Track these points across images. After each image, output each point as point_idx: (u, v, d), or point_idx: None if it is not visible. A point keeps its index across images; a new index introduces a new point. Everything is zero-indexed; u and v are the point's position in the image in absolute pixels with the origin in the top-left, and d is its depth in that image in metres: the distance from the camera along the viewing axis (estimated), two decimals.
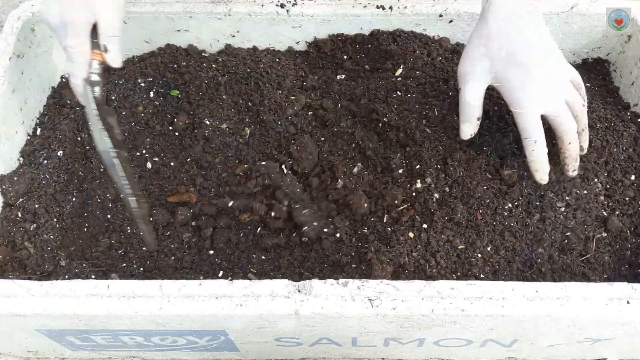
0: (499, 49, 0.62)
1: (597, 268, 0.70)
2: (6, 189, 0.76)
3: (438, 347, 0.72)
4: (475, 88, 0.64)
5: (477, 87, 0.64)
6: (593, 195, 0.73)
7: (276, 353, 0.76)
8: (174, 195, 0.77)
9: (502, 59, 0.62)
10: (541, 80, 0.62)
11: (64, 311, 0.60)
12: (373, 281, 0.61)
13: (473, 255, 0.68)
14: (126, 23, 0.88)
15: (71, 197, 0.77)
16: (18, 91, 0.81)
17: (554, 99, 0.63)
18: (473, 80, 0.64)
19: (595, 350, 0.74)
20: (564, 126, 0.63)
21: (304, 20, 0.88)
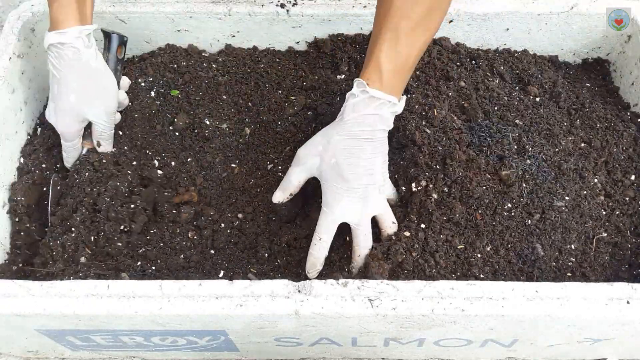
0: (331, 155, 0.68)
1: (597, 268, 0.70)
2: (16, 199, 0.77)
3: (438, 347, 0.72)
4: (301, 174, 0.72)
5: (302, 174, 0.72)
6: (593, 195, 0.73)
7: (276, 353, 0.76)
8: (177, 196, 0.77)
9: (330, 164, 0.68)
10: (353, 197, 0.68)
11: (64, 311, 0.60)
12: (373, 281, 0.61)
13: (473, 255, 0.68)
14: (126, 23, 0.88)
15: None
16: (18, 91, 0.81)
17: (358, 215, 0.68)
18: (301, 168, 0.71)
19: (595, 350, 0.74)
20: (358, 239, 0.69)
21: (304, 20, 0.88)
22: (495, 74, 0.85)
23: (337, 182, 0.68)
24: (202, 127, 0.81)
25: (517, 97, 0.82)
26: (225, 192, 0.79)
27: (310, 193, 0.77)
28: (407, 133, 0.74)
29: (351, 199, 0.68)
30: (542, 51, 0.92)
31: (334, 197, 0.68)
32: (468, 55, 0.87)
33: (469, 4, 0.87)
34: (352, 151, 0.67)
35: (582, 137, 0.78)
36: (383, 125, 0.68)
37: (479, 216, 0.70)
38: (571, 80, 0.89)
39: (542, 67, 0.88)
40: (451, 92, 0.78)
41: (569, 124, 0.80)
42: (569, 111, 0.82)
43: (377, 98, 0.66)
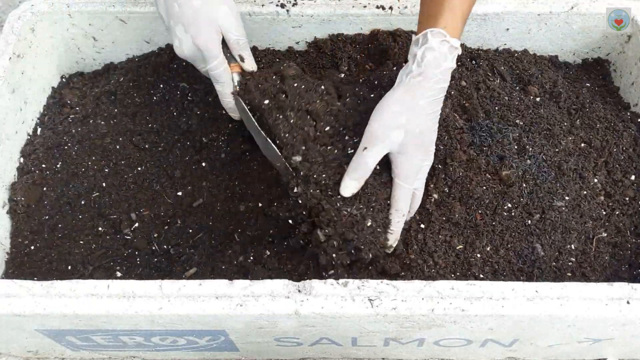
0: (417, 124, 0.62)
1: (597, 268, 0.70)
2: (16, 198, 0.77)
3: (438, 347, 0.72)
4: (380, 152, 0.62)
5: (381, 152, 0.63)
6: (593, 195, 0.73)
7: (276, 353, 0.76)
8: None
9: (415, 134, 0.62)
10: (427, 164, 0.66)
11: (64, 311, 0.60)
12: (373, 281, 0.61)
13: (472, 256, 0.68)
14: (126, 23, 0.88)
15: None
16: (18, 91, 0.81)
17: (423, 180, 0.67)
18: (382, 145, 0.62)
19: (595, 350, 0.74)
20: (415, 204, 0.67)
21: (304, 20, 0.88)
22: (496, 74, 0.85)
23: (419, 154, 0.62)
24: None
25: (518, 97, 0.82)
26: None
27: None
28: None
29: (427, 168, 0.65)
30: (542, 51, 0.92)
31: (415, 171, 0.63)
32: (468, 55, 0.87)
33: None
34: (431, 117, 0.62)
35: (582, 137, 0.78)
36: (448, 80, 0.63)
37: (478, 216, 0.70)
38: (571, 80, 0.89)
39: (542, 67, 0.88)
40: (453, 92, 0.78)
41: (569, 124, 0.80)
42: (569, 111, 0.82)
43: (456, 48, 0.61)
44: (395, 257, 0.68)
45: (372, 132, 0.62)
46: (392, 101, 0.62)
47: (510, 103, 0.80)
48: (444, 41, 0.61)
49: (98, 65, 0.95)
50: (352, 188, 0.62)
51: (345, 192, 0.62)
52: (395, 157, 0.63)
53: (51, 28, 0.88)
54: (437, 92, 0.62)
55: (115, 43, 0.92)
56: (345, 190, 0.62)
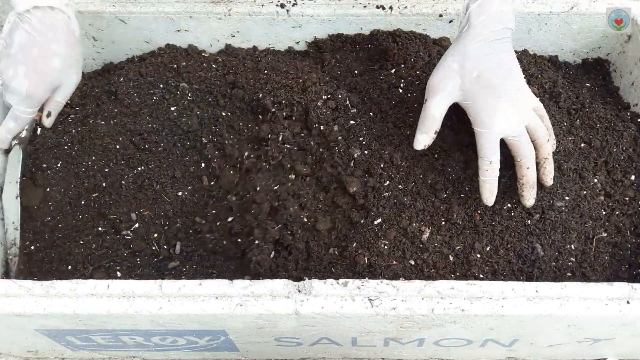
0: (472, 68, 0.65)
1: (597, 268, 0.70)
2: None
3: (438, 347, 0.72)
4: (442, 102, 0.66)
5: (443, 102, 0.66)
6: (593, 195, 0.73)
7: (276, 353, 0.76)
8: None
9: (473, 78, 0.65)
10: (506, 103, 0.65)
11: (64, 311, 0.60)
12: (373, 281, 0.61)
13: (472, 256, 0.68)
14: (126, 23, 0.88)
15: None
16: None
17: (516, 123, 0.65)
18: (441, 95, 0.66)
19: (595, 350, 0.74)
20: (522, 150, 0.66)
21: (304, 20, 0.88)
22: None
23: (486, 96, 0.64)
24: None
25: None
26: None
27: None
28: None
29: (504, 109, 0.64)
30: (542, 51, 0.92)
31: (486, 113, 0.64)
32: None
33: None
34: (490, 57, 0.64)
35: (582, 137, 0.78)
36: (509, 23, 0.65)
37: (478, 216, 0.70)
38: (571, 80, 0.89)
39: (542, 67, 0.88)
40: None
41: (568, 124, 0.80)
42: (569, 111, 0.82)
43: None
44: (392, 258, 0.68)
45: (430, 84, 0.67)
46: (446, 54, 0.67)
47: None
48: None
49: (98, 65, 0.95)
50: (422, 140, 0.68)
51: (416, 146, 0.68)
52: (464, 105, 0.66)
53: None
54: (487, 36, 0.64)
55: (115, 43, 0.92)
56: (417, 143, 0.68)
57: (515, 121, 0.65)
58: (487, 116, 0.65)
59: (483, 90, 0.65)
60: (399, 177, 0.72)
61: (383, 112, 0.77)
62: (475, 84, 0.65)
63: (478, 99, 0.65)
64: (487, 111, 0.65)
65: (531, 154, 0.66)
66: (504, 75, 0.65)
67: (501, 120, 0.65)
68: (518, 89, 0.66)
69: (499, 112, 0.65)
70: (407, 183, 0.72)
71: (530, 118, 0.67)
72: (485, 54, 0.65)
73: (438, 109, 0.66)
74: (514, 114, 0.65)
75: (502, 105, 0.65)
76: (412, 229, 0.70)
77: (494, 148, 0.65)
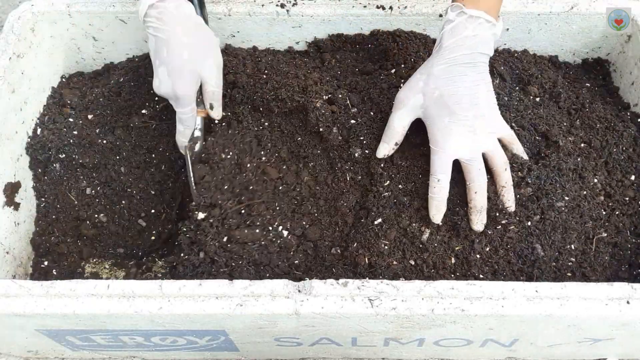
0: (434, 88, 0.67)
1: (597, 268, 0.70)
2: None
3: (438, 347, 0.72)
4: (404, 116, 0.69)
5: (405, 116, 0.69)
6: (593, 195, 0.73)
7: (276, 353, 0.76)
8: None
9: (434, 97, 0.67)
10: (463, 127, 0.66)
11: (64, 311, 0.60)
12: (373, 281, 0.61)
13: (472, 256, 0.68)
14: (126, 23, 0.88)
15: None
16: (18, 91, 0.81)
17: (469, 149, 0.67)
18: (404, 110, 0.69)
19: (595, 350, 0.74)
20: (472, 174, 0.67)
21: (304, 20, 0.88)
22: (495, 74, 0.85)
23: (444, 116, 0.66)
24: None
25: (517, 97, 0.82)
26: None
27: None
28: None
29: (460, 132, 0.66)
30: (542, 51, 0.92)
31: (442, 133, 0.66)
32: None
33: None
34: (454, 79, 0.66)
35: (582, 137, 0.78)
36: (483, 48, 0.66)
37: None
38: (571, 80, 0.89)
39: (542, 67, 0.88)
40: None
41: (568, 124, 0.80)
42: (569, 111, 0.82)
43: (476, 17, 0.65)
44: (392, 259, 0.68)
45: (397, 97, 0.70)
46: (417, 71, 0.70)
47: (509, 103, 0.80)
48: (462, 12, 0.66)
49: (98, 65, 0.95)
50: (383, 150, 0.71)
51: (378, 154, 0.71)
52: (425, 122, 0.69)
53: (51, 28, 0.88)
54: (455, 59, 0.66)
55: (115, 43, 0.92)
56: (378, 152, 0.71)
57: (470, 146, 0.67)
58: (441, 137, 0.67)
59: (442, 111, 0.66)
60: (399, 177, 0.72)
61: (383, 112, 0.77)
62: (436, 103, 0.67)
63: (436, 118, 0.67)
64: (442, 132, 0.67)
65: (481, 180, 0.67)
66: (464, 100, 0.66)
67: (455, 143, 0.66)
68: (480, 115, 0.67)
69: (453, 134, 0.66)
70: (407, 183, 0.72)
71: (488, 145, 0.68)
72: (449, 77, 0.66)
73: (400, 122, 0.70)
74: (469, 138, 0.66)
75: (458, 129, 0.66)
76: (412, 229, 0.70)
77: (445, 168, 0.67)
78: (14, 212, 0.78)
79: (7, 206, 0.77)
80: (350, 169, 0.74)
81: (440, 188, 0.67)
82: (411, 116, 0.69)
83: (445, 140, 0.66)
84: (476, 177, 0.67)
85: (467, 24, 0.65)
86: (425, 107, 0.67)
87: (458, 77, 0.66)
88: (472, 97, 0.66)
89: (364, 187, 0.74)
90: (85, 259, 0.79)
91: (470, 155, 0.67)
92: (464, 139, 0.66)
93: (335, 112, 0.77)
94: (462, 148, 0.66)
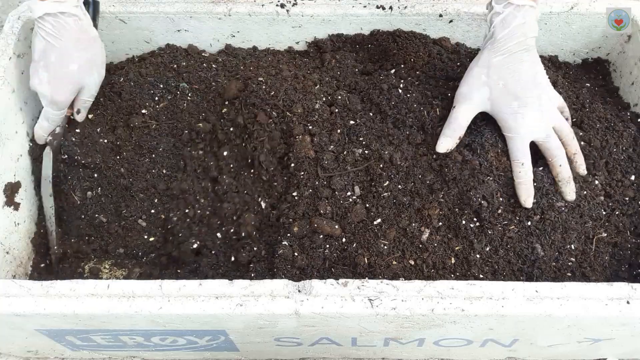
0: (497, 79, 0.70)
1: (597, 268, 0.70)
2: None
3: (438, 347, 0.72)
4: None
5: (471, 110, 0.72)
6: (593, 195, 0.73)
7: (276, 353, 0.76)
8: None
9: (499, 88, 0.70)
10: (532, 110, 0.70)
11: (64, 311, 0.60)
12: (373, 281, 0.61)
13: (472, 256, 0.68)
14: (126, 23, 0.88)
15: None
16: (18, 91, 0.81)
17: (543, 127, 0.70)
18: (469, 104, 0.71)
19: (595, 350, 0.74)
20: (552, 150, 0.71)
21: (304, 20, 0.88)
22: None
23: (512, 104, 0.69)
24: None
25: None
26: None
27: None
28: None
29: (531, 115, 0.69)
30: (542, 51, 0.92)
31: (514, 119, 0.69)
32: (468, 56, 0.87)
33: (469, 4, 0.87)
34: (514, 67, 0.69)
35: (582, 137, 0.78)
36: (532, 32, 0.69)
37: (476, 217, 0.70)
38: (571, 80, 0.89)
39: None
40: (449, 93, 0.78)
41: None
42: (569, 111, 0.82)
43: (522, 6, 0.68)
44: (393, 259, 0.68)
45: (459, 92, 0.72)
46: (473, 65, 0.72)
47: None
48: (508, 3, 0.69)
49: None
50: (446, 144, 0.71)
51: (439, 149, 0.71)
52: (493, 113, 0.72)
53: None
54: (511, 48, 0.69)
55: (115, 43, 0.92)
56: (440, 146, 0.71)
57: (542, 125, 0.70)
58: (514, 122, 0.70)
59: (509, 99, 0.70)
60: (399, 177, 0.72)
61: (383, 112, 0.77)
62: (502, 93, 0.70)
63: (504, 107, 0.70)
64: (514, 117, 0.70)
65: (560, 153, 0.71)
66: (528, 83, 0.70)
67: (528, 125, 0.70)
68: (542, 93, 0.71)
69: (526, 118, 0.69)
70: (406, 183, 0.72)
71: (556, 119, 0.72)
72: (509, 65, 0.70)
73: (464, 116, 0.71)
74: (540, 118, 0.70)
75: (528, 111, 0.69)
76: (411, 229, 0.70)
77: (524, 151, 0.70)
78: (14, 212, 0.78)
79: (7, 206, 0.77)
80: (350, 169, 0.74)
81: (526, 171, 0.69)
82: (477, 109, 0.72)
83: (519, 125, 0.69)
84: (556, 152, 0.70)
85: (516, 14, 0.68)
86: (492, 99, 0.70)
87: (518, 65, 0.69)
88: (533, 79, 0.70)
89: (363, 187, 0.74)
90: (85, 259, 0.79)
91: (545, 133, 0.70)
92: (534, 120, 0.70)
93: (335, 111, 0.77)
94: (536, 129, 0.70)
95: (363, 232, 0.70)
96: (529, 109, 0.69)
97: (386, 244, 0.69)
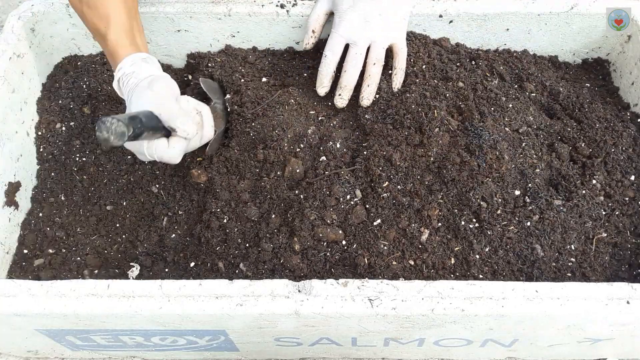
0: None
1: (597, 268, 0.70)
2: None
3: (438, 347, 0.72)
4: (318, 10, 0.82)
5: (319, 9, 0.82)
6: (592, 195, 0.73)
7: (276, 353, 0.76)
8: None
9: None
10: (357, 17, 0.77)
11: (64, 311, 0.60)
12: (373, 281, 0.61)
13: (471, 256, 0.68)
14: None
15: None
16: (18, 91, 0.81)
17: (359, 35, 0.77)
18: (318, 4, 0.82)
19: (595, 350, 0.74)
20: (349, 56, 0.78)
21: (304, 20, 0.88)
22: (495, 75, 0.85)
23: (345, 4, 0.77)
24: None
25: (514, 95, 0.82)
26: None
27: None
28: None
29: (352, 18, 0.77)
30: (542, 51, 0.92)
31: (340, 17, 0.78)
32: (468, 56, 0.87)
33: (469, 4, 0.87)
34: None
35: (581, 137, 0.78)
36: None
37: (475, 217, 0.70)
38: (571, 80, 0.89)
39: (542, 67, 0.88)
40: (448, 93, 0.78)
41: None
42: (569, 111, 0.82)
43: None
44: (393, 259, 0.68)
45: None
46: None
47: (505, 105, 0.80)
48: None
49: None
50: (307, 40, 0.83)
51: (302, 46, 0.84)
52: (335, 14, 0.80)
53: (51, 28, 0.88)
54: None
55: None
56: (302, 43, 0.84)
57: (358, 32, 0.77)
58: (338, 21, 0.78)
59: (346, 2, 0.78)
60: (398, 177, 0.72)
61: (383, 112, 0.77)
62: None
63: (340, 5, 0.79)
64: (340, 17, 0.78)
65: (353, 62, 0.77)
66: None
67: (345, 27, 0.77)
68: (377, 17, 0.77)
69: (345, 20, 0.77)
70: (406, 184, 0.72)
71: (376, 39, 0.77)
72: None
73: (316, 12, 0.82)
74: (360, 26, 0.77)
75: (351, 16, 0.77)
76: (411, 230, 0.70)
77: (333, 47, 0.78)
78: (14, 212, 0.78)
79: (7, 206, 0.77)
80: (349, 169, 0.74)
81: (325, 63, 0.78)
82: (324, 7, 0.82)
83: (340, 24, 0.78)
84: (351, 59, 0.77)
85: None
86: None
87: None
88: (381, 2, 0.76)
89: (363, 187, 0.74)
90: (86, 259, 0.79)
91: (356, 39, 0.77)
92: (354, 25, 0.77)
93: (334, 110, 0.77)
94: (352, 33, 0.77)
95: (363, 233, 0.70)
96: (353, 15, 0.76)
97: (386, 245, 0.69)
